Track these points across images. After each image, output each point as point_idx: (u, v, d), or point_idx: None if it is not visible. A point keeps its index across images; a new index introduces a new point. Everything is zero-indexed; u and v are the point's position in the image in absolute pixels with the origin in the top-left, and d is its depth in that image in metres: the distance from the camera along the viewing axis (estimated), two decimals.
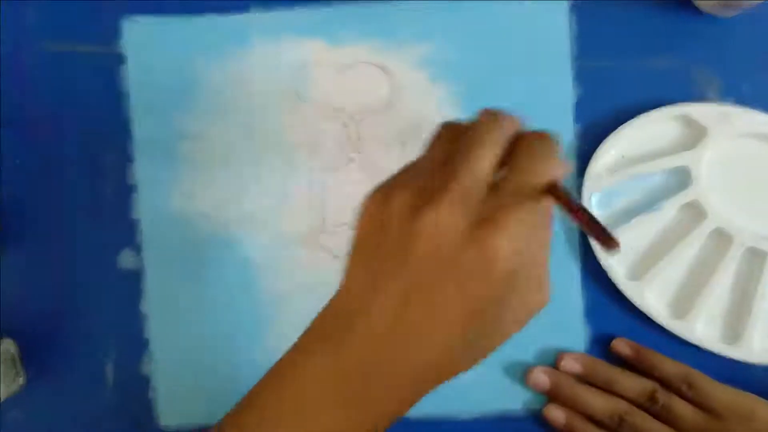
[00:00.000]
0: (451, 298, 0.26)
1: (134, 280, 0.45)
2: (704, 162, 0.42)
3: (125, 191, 0.45)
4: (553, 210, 0.28)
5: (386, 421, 0.28)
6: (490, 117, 0.28)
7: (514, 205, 0.26)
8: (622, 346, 0.42)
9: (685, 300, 0.42)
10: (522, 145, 0.28)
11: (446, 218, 0.26)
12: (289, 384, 0.28)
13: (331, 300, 0.29)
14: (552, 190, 0.27)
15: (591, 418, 0.41)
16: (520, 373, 0.43)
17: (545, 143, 0.28)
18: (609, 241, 0.26)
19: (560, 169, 0.28)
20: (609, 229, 0.26)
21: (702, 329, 0.42)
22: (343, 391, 0.27)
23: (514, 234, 0.26)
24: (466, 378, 0.43)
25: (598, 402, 0.41)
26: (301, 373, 0.28)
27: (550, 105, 0.43)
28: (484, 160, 0.27)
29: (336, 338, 0.28)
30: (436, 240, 0.26)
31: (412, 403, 0.28)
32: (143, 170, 0.45)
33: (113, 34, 0.45)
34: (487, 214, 0.26)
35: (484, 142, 0.27)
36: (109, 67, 0.45)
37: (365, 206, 0.28)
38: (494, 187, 0.27)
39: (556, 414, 0.42)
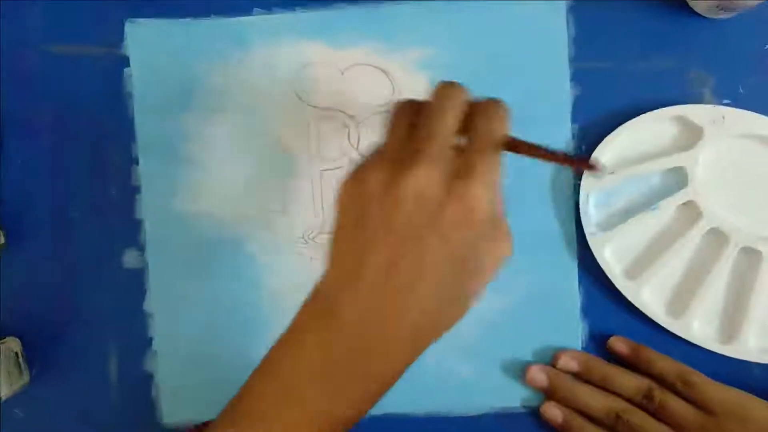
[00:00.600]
0: (437, 249, 0.28)
1: (138, 279, 0.46)
2: (700, 163, 0.42)
3: (129, 192, 0.46)
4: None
5: (380, 391, 0.30)
6: (446, 87, 0.31)
7: (481, 158, 0.29)
8: (618, 344, 0.43)
9: (681, 299, 0.43)
10: (478, 109, 0.30)
11: (425, 178, 0.28)
12: (279, 371, 0.29)
13: (315, 285, 0.30)
14: (513, 143, 0.30)
15: (588, 416, 0.42)
16: (519, 371, 0.44)
17: (498, 105, 0.31)
18: (590, 165, 0.30)
19: (509, 126, 0.31)
20: (585, 156, 0.29)
21: (698, 328, 0.43)
22: (333, 371, 0.29)
23: (487, 183, 0.29)
24: (465, 376, 0.44)
25: (594, 400, 0.42)
26: (290, 360, 0.29)
27: (547, 106, 0.43)
28: (447, 124, 0.29)
29: (323, 320, 0.29)
30: (419, 199, 0.28)
31: (407, 366, 0.30)
32: (147, 171, 0.45)
33: (117, 36, 0.45)
34: (460, 169, 0.29)
35: (445, 109, 0.30)
36: (112, 69, 0.45)
37: (342, 191, 0.30)
38: (458, 149, 0.29)
39: (554, 412, 0.42)
